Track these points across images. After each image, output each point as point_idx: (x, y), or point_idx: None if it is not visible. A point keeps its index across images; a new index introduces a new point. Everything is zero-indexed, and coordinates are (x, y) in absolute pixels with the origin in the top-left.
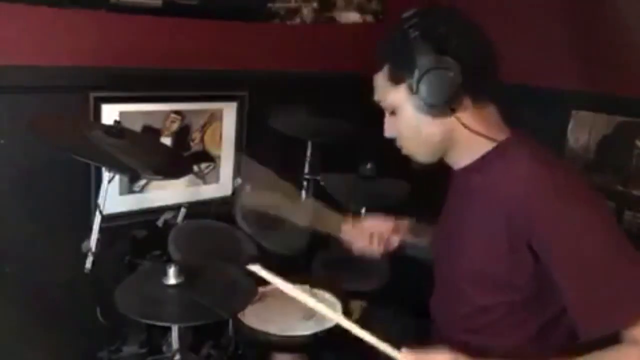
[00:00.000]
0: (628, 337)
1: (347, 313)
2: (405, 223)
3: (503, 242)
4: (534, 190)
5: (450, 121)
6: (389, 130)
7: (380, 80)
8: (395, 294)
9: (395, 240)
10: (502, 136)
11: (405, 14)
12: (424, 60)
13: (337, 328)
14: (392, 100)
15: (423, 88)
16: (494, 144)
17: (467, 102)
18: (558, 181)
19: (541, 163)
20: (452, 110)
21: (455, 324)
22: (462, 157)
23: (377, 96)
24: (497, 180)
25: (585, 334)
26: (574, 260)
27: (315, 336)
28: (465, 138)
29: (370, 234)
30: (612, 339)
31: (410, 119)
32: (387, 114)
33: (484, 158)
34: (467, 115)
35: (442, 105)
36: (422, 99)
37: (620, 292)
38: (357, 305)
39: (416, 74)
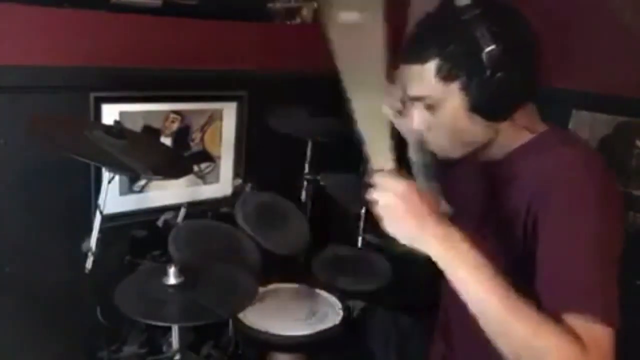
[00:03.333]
0: (564, 322)
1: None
2: None
3: (521, 226)
4: (561, 173)
5: (499, 123)
6: (419, 124)
7: (422, 74)
8: (395, 294)
9: None
10: (542, 129)
11: (461, 2)
12: (490, 61)
13: (337, 327)
14: (437, 97)
15: (485, 91)
16: (533, 136)
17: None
18: (586, 169)
19: (580, 153)
20: (511, 115)
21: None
22: (498, 151)
23: (414, 91)
24: (532, 165)
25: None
26: (560, 245)
27: (315, 336)
28: (508, 135)
29: None
30: None
31: (457, 119)
32: (418, 106)
33: (522, 147)
34: (517, 115)
35: (504, 110)
36: (482, 102)
37: (586, 286)
38: (356, 305)
39: (479, 75)
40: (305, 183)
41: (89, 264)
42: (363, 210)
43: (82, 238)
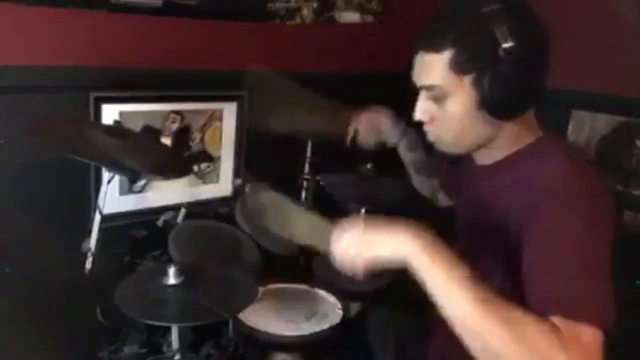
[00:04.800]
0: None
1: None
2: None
3: (517, 231)
4: (552, 184)
5: (505, 122)
6: (422, 114)
7: (435, 63)
8: (395, 294)
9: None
10: (538, 134)
11: None
12: (507, 58)
13: (337, 328)
14: (446, 88)
15: (497, 88)
16: (530, 140)
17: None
18: (577, 181)
19: (574, 162)
20: (520, 114)
21: None
22: (496, 153)
23: (424, 79)
24: (530, 173)
25: None
26: (552, 247)
27: (315, 336)
28: (509, 136)
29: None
30: None
31: (464, 114)
32: (424, 96)
33: (518, 152)
34: (523, 116)
35: (514, 109)
36: (492, 99)
37: (578, 292)
38: (355, 306)
39: (493, 71)
40: (305, 183)
41: (88, 264)
42: (363, 210)
43: (82, 238)
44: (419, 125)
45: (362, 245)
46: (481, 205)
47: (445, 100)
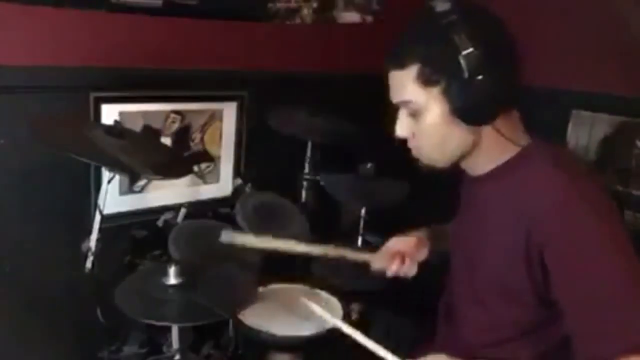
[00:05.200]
0: None
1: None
2: (424, 234)
3: (522, 254)
4: (556, 203)
5: (482, 129)
6: (402, 131)
7: (404, 79)
8: (395, 294)
9: (423, 253)
10: (525, 141)
11: (439, 8)
12: (470, 65)
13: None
14: (418, 102)
15: (466, 95)
16: (517, 150)
17: (503, 107)
18: (581, 195)
19: (565, 173)
20: (492, 120)
21: (470, 331)
22: (484, 162)
23: (397, 97)
24: (521, 187)
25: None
26: (582, 283)
27: (315, 336)
28: (492, 144)
29: (395, 254)
30: None
31: (440, 125)
32: (402, 113)
33: (508, 163)
34: (499, 121)
35: (485, 114)
36: (463, 106)
37: (623, 320)
38: (355, 306)
39: (458, 79)
40: (305, 183)
41: (89, 264)
42: (363, 210)
43: (82, 238)
44: (404, 142)
45: None
46: (475, 217)
47: (420, 114)
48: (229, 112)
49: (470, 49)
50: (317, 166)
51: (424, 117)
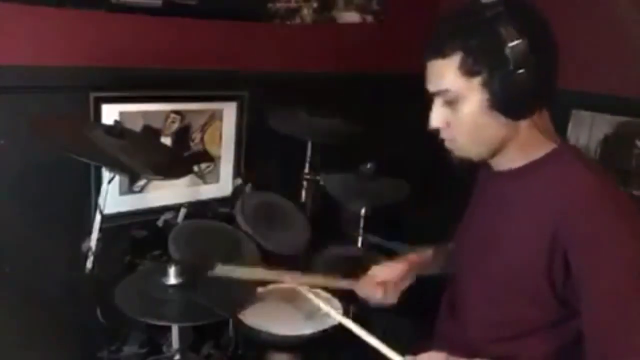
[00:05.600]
0: None
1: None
2: (413, 263)
3: (544, 249)
4: (587, 205)
5: (519, 123)
6: (437, 121)
7: (444, 68)
8: None
9: (406, 282)
10: (554, 143)
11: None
12: (515, 56)
13: (338, 327)
14: (457, 91)
15: (507, 87)
16: (552, 147)
17: (541, 103)
18: (611, 200)
19: (596, 176)
20: (531, 113)
21: (478, 327)
22: (515, 158)
23: (435, 86)
24: (552, 185)
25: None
26: (605, 285)
27: (314, 336)
28: (528, 139)
29: (380, 283)
30: None
31: (477, 115)
32: (437, 103)
33: (539, 161)
34: (536, 117)
35: (524, 107)
36: (503, 98)
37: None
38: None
39: (502, 70)
40: (305, 183)
41: (89, 264)
42: (363, 210)
43: (82, 238)
44: (435, 134)
45: None
46: (495, 212)
47: (458, 103)
48: (229, 112)
49: (517, 41)
50: (317, 166)
51: (462, 107)
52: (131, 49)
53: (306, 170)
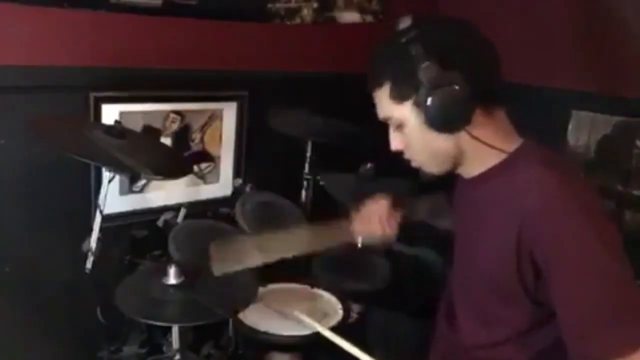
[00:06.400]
0: None
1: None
2: (389, 195)
3: (512, 251)
4: (546, 202)
5: (461, 134)
6: (395, 144)
7: (381, 97)
8: (395, 294)
9: (398, 217)
10: (513, 145)
11: (401, 26)
12: (429, 77)
13: (337, 328)
14: (397, 117)
15: (431, 105)
16: (505, 154)
17: (477, 113)
18: (571, 195)
19: (556, 172)
20: (463, 125)
21: (466, 332)
22: (474, 167)
23: (382, 113)
24: (512, 187)
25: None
26: (571, 283)
27: (314, 336)
28: (476, 149)
29: (370, 219)
30: None
31: (419, 135)
32: (392, 129)
33: (495, 168)
34: (478, 127)
35: (453, 121)
36: (431, 116)
37: (611, 321)
38: (355, 306)
39: (422, 91)
40: (305, 183)
41: (89, 264)
42: None
43: (82, 238)
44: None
45: None
46: (470, 218)
47: (403, 127)
48: (229, 112)
49: (426, 63)
50: (317, 166)
51: (407, 130)
52: (131, 49)
53: (306, 170)
